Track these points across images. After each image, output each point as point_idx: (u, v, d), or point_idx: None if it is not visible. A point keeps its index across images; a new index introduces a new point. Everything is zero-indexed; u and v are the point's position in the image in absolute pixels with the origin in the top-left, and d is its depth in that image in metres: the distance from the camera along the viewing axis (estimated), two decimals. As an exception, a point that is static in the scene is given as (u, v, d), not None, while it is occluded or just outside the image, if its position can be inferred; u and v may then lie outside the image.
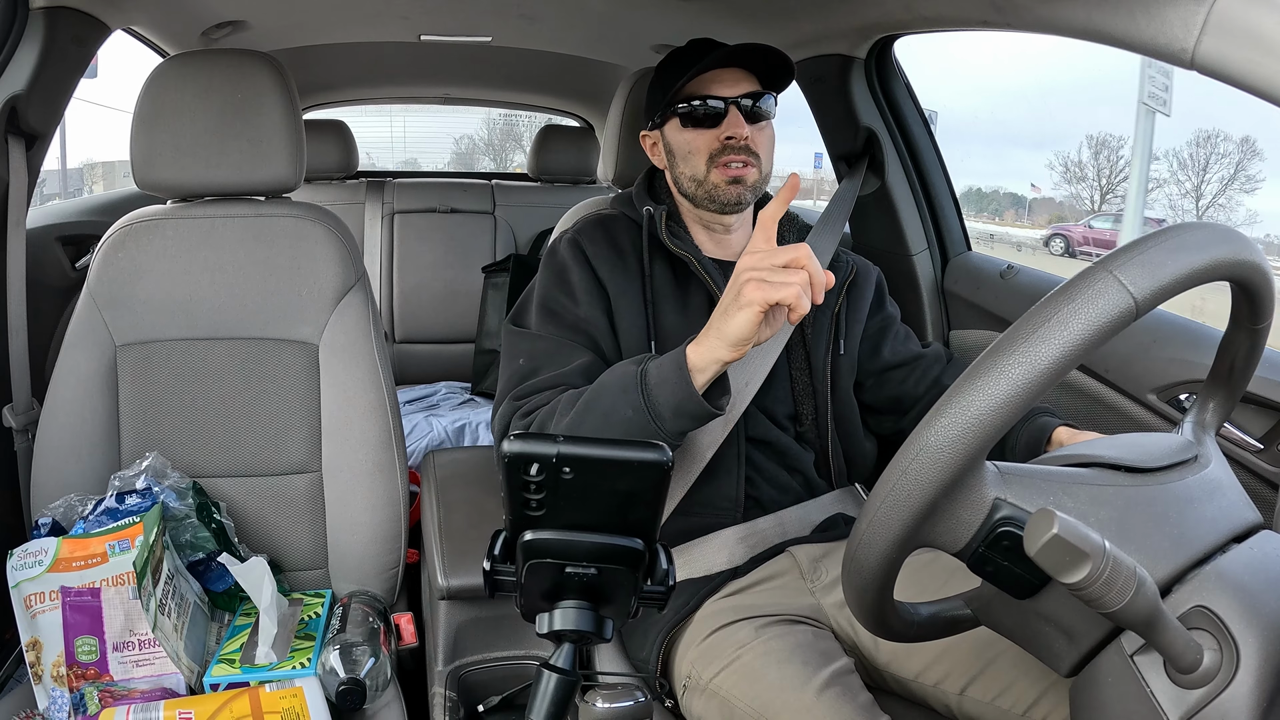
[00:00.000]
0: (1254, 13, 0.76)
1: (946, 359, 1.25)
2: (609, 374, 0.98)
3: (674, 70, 1.16)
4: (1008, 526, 0.61)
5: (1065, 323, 0.55)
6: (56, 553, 0.99)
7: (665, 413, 0.91)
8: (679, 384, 0.90)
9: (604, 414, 0.94)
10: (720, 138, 1.12)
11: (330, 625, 1.13)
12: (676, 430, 0.92)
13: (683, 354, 0.91)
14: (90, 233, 1.62)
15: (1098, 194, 14.70)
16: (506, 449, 0.54)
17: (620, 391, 0.94)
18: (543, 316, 1.13)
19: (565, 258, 1.16)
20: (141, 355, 1.22)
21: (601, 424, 0.94)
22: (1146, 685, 0.58)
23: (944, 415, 0.57)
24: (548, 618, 0.60)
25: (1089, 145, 14.62)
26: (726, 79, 1.13)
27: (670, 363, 0.92)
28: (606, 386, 0.96)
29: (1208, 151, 13.75)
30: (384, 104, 3.51)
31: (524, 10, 1.85)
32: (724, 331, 0.87)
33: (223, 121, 1.22)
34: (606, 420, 0.94)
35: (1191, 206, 13.67)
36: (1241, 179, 13.94)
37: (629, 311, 1.13)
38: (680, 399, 0.90)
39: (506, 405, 1.07)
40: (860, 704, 0.91)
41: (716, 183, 1.13)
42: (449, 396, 2.48)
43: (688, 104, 1.13)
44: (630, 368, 0.95)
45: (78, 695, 0.98)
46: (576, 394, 1.00)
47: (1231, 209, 13.58)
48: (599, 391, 0.97)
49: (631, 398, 0.92)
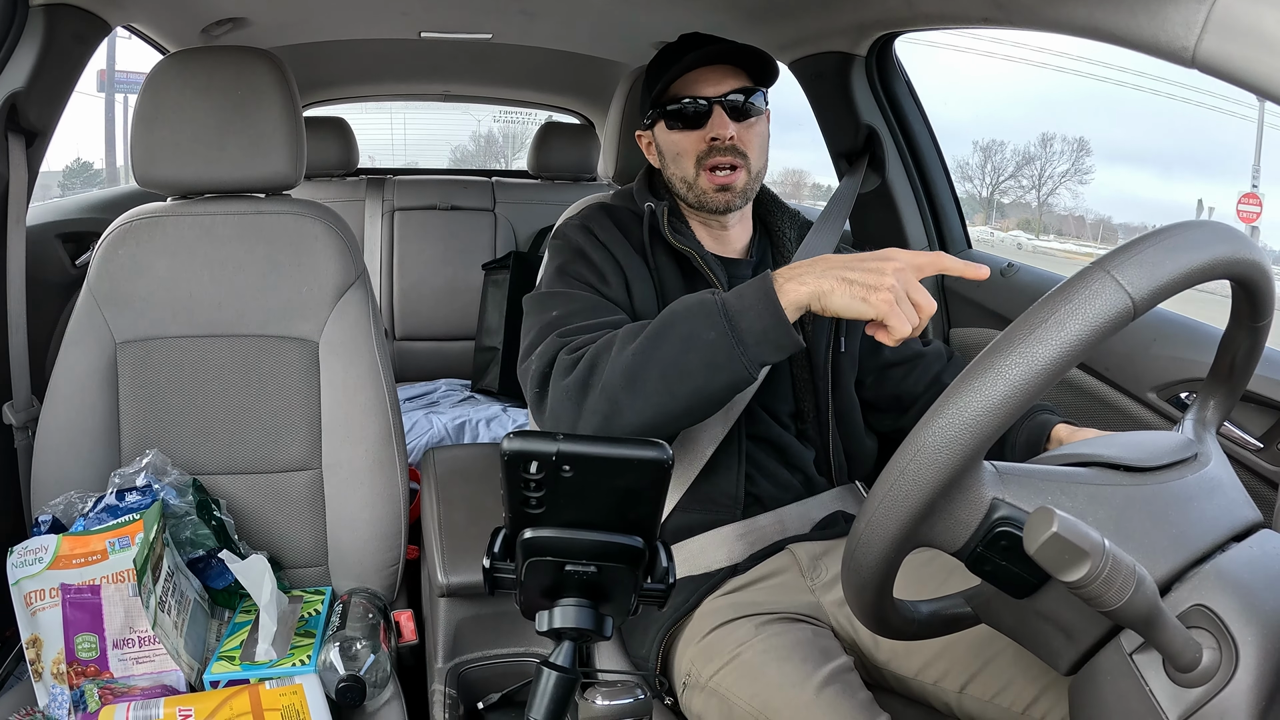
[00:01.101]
0: (1255, 11, 0.75)
1: (947, 357, 1.25)
2: (677, 303, 0.93)
3: (661, 69, 1.15)
4: (1006, 526, 0.61)
5: (1062, 323, 0.55)
6: (56, 550, 0.99)
7: (749, 339, 0.87)
8: (766, 310, 0.87)
9: (683, 338, 0.89)
10: (706, 139, 1.12)
11: (330, 622, 1.13)
12: (758, 359, 0.88)
13: (769, 283, 0.88)
14: (90, 230, 1.62)
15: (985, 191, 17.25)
16: (506, 447, 0.54)
17: (700, 316, 0.89)
18: (567, 279, 1.10)
19: (577, 238, 1.15)
20: (141, 352, 1.22)
21: (679, 349, 0.89)
22: (1146, 684, 0.58)
23: (941, 415, 0.57)
24: (547, 615, 0.60)
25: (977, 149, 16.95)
26: (711, 77, 1.13)
27: (754, 292, 0.88)
28: (679, 313, 0.91)
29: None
30: (384, 101, 3.50)
31: (524, 7, 1.85)
32: (832, 297, 0.84)
33: (223, 118, 1.22)
34: (686, 344, 0.89)
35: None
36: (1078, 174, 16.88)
37: (642, 300, 1.12)
38: (767, 324, 0.87)
39: (550, 342, 1.00)
40: (859, 701, 0.91)
41: (705, 189, 1.13)
42: (449, 394, 2.48)
43: (674, 104, 1.13)
44: (705, 295, 0.92)
45: (78, 692, 0.98)
46: (637, 326, 0.95)
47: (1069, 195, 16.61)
48: (671, 318, 0.92)
49: (714, 321, 0.88)
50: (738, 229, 1.21)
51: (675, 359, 0.89)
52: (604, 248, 1.14)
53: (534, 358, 1.01)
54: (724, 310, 0.89)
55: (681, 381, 0.89)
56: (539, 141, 2.80)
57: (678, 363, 0.89)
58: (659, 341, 0.91)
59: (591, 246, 1.14)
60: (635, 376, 0.90)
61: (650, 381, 0.90)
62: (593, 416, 0.93)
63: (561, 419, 0.95)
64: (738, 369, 0.88)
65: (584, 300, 1.07)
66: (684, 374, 0.89)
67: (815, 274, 0.86)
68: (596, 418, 0.92)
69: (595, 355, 0.94)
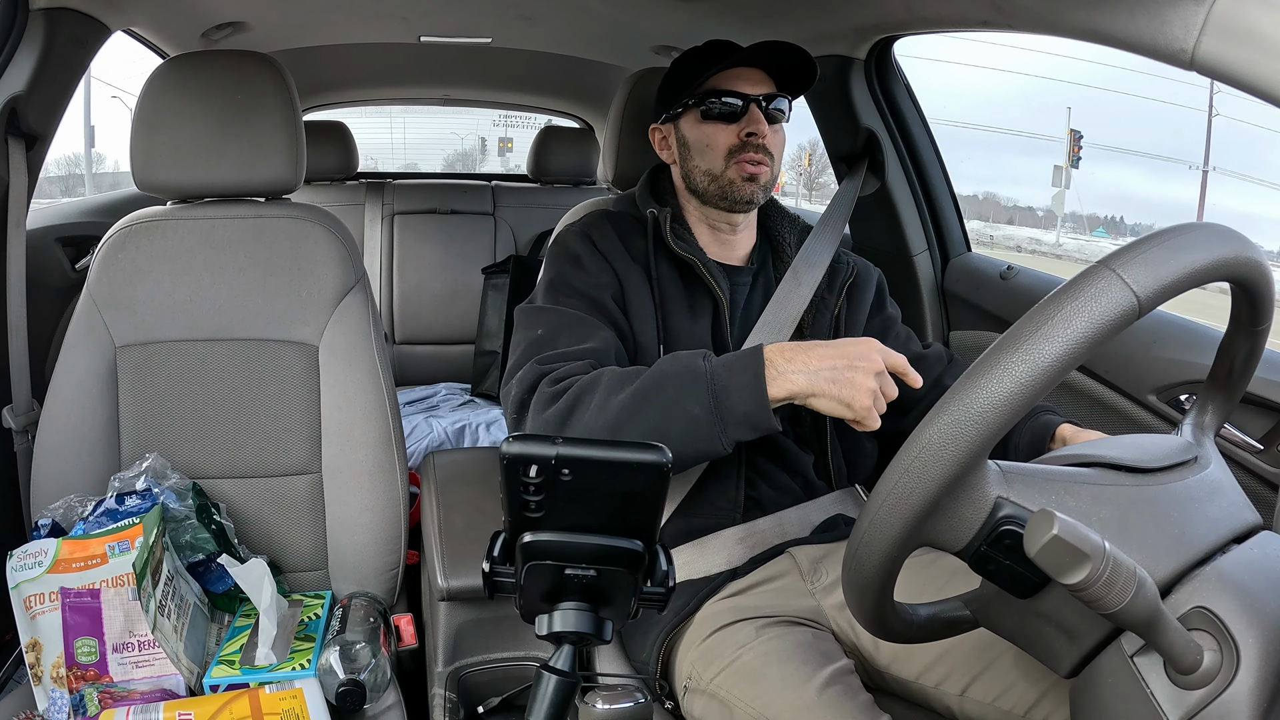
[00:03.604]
0: (1253, 13, 0.76)
1: (947, 360, 1.25)
2: (669, 362, 0.96)
3: (696, 64, 1.16)
4: (1010, 526, 0.61)
5: (1068, 320, 0.55)
6: (56, 554, 0.99)
7: (730, 419, 0.91)
8: (752, 397, 0.90)
9: (668, 405, 0.92)
10: (741, 134, 1.13)
11: (330, 626, 1.13)
12: (735, 438, 0.92)
13: (760, 368, 0.91)
14: (90, 234, 1.62)
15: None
16: (505, 450, 0.54)
17: (689, 384, 0.92)
18: (556, 294, 1.11)
19: (575, 245, 1.16)
20: (141, 356, 1.22)
21: (662, 415, 0.92)
22: (1147, 686, 0.58)
23: (947, 413, 0.57)
24: (547, 619, 0.60)
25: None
26: (749, 77, 1.15)
27: (744, 370, 0.92)
28: (670, 376, 0.94)
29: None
30: (384, 105, 3.51)
31: (523, 11, 1.85)
32: (818, 401, 0.90)
33: (222, 123, 1.22)
34: (669, 412, 0.92)
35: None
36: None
37: (639, 309, 1.12)
38: (750, 409, 0.90)
39: (530, 369, 1.03)
40: (860, 703, 0.91)
41: (733, 178, 1.14)
42: (449, 398, 2.47)
43: (710, 98, 1.14)
44: (696, 360, 0.94)
45: (77, 696, 0.97)
46: (625, 374, 0.97)
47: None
48: (661, 380, 0.94)
49: (701, 396, 0.91)
50: (744, 234, 1.21)
51: (658, 424, 0.92)
52: (602, 257, 1.14)
53: (514, 382, 1.04)
54: (711, 384, 0.92)
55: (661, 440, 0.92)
56: (539, 145, 2.80)
57: (659, 428, 0.92)
58: (644, 404, 0.93)
59: (588, 255, 1.14)
60: (617, 429, 0.93)
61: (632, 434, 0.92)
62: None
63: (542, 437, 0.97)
64: (714, 445, 0.92)
65: (569, 318, 1.08)
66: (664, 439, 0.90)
67: (808, 373, 0.90)
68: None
69: (577, 396, 0.96)
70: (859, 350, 0.91)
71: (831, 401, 0.90)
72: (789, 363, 0.91)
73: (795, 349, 0.92)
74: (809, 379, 0.90)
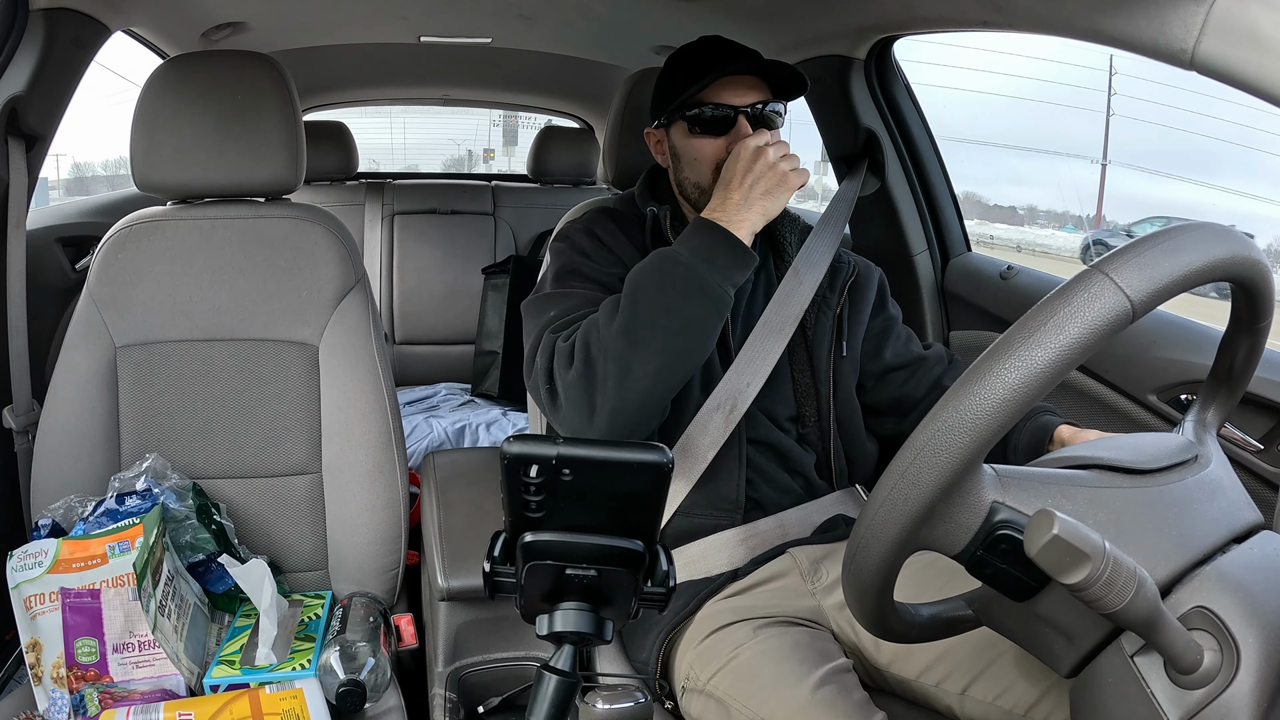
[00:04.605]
0: (1253, 13, 0.76)
1: (948, 360, 1.25)
2: (639, 267, 1.03)
3: (683, 71, 1.15)
4: (1006, 529, 0.61)
5: (1061, 326, 0.55)
6: (56, 554, 0.99)
7: (718, 259, 1.00)
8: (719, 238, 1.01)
9: (658, 276, 1.00)
10: (728, 147, 1.11)
11: (330, 626, 1.13)
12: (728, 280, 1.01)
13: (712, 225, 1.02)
14: (90, 234, 1.62)
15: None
16: (506, 450, 0.54)
17: (665, 260, 1.01)
18: (565, 280, 1.12)
19: (580, 238, 1.16)
20: (141, 356, 1.22)
21: (657, 288, 0.99)
22: (1147, 686, 0.58)
23: (940, 419, 0.57)
24: (548, 619, 0.60)
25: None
26: (737, 86, 1.12)
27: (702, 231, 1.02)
28: (644, 268, 1.02)
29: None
30: (384, 105, 3.51)
31: (524, 11, 1.85)
32: (767, 206, 1.03)
33: (222, 123, 1.22)
34: (661, 282, 1.00)
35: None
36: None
37: None
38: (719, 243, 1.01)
39: (545, 339, 1.06)
40: (855, 702, 0.91)
41: None
42: (449, 398, 2.48)
43: (696, 109, 1.12)
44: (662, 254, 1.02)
45: (78, 696, 0.97)
46: (614, 298, 1.03)
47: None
48: (639, 273, 1.02)
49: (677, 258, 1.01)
50: None
51: (657, 300, 0.99)
52: (607, 249, 1.15)
53: (536, 358, 1.06)
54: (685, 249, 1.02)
55: (670, 317, 0.99)
56: (538, 145, 2.80)
57: (661, 302, 0.99)
58: (638, 295, 1.00)
59: (594, 247, 1.15)
60: (630, 331, 0.97)
61: (645, 329, 0.98)
62: (608, 383, 0.98)
63: (579, 402, 1.00)
64: (712, 287, 1.00)
65: (581, 298, 1.08)
66: (670, 310, 0.99)
67: (744, 207, 1.03)
68: (611, 382, 0.98)
69: (586, 334, 1.01)
70: (743, 161, 1.04)
71: (777, 204, 1.04)
72: (730, 212, 1.03)
73: (719, 204, 1.04)
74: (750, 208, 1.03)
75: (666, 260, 1.01)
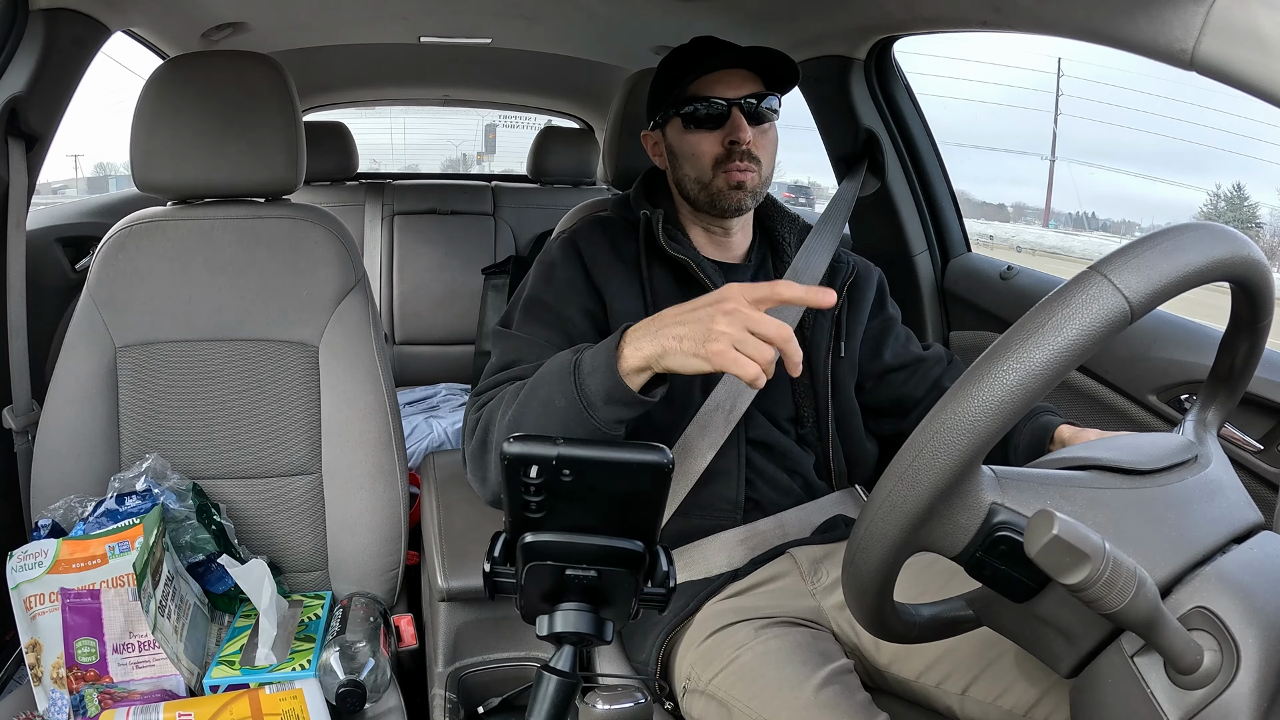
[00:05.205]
0: (1253, 13, 0.76)
1: (947, 361, 1.25)
2: (549, 362, 0.95)
3: (676, 70, 1.15)
4: (1005, 531, 0.61)
5: (1059, 328, 0.55)
6: (56, 554, 0.99)
7: (598, 401, 0.87)
8: (608, 374, 0.86)
9: (543, 403, 0.91)
10: (724, 141, 1.11)
11: (330, 627, 1.13)
12: (611, 419, 0.88)
13: (615, 341, 0.87)
14: (90, 234, 1.62)
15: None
16: (506, 450, 0.54)
17: (557, 380, 0.90)
18: (524, 316, 1.12)
19: (556, 258, 1.15)
20: (141, 356, 1.22)
21: (540, 413, 0.91)
22: (1147, 686, 0.58)
23: (938, 421, 0.57)
24: (548, 620, 0.60)
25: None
26: (730, 80, 1.12)
27: (600, 353, 0.88)
28: (543, 377, 0.93)
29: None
30: (384, 105, 3.51)
31: (524, 11, 1.85)
32: (669, 359, 0.83)
33: (222, 123, 1.22)
34: (545, 409, 0.91)
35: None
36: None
37: (628, 315, 1.12)
38: (609, 387, 0.86)
39: (470, 401, 1.07)
40: (858, 702, 0.91)
41: (720, 188, 1.12)
42: (449, 398, 2.47)
43: (690, 105, 1.12)
44: (567, 356, 0.92)
45: (77, 697, 0.97)
46: (518, 385, 0.98)
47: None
48: (538, 381, 0.94)
49: (565, 386, 0.89)
50: (739, 235, 1.21)
51: (538, 423, 0.92)
52: (582, 269, 1.13)
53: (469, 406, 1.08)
54: (576, 373, 0.89)
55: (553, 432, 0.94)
56: (538, 146, 2.80)
57: (540, 426, 0.91)
58: (526, 407, 0.94)
59: (569, 268, 1.13)
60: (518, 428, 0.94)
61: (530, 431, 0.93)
62: (492, 467, 1.00)
63: (475, 473, 1.03)
64: (594, 431, 0.88)
65: (524, 343, 1.08)
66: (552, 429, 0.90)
67: (650, 335, 0.84)
68: (494, 467, 0.98)
69: (489, 417, 1.00)
70: (709, 298, 0.83)
71: (684, 357, 0.82)
72: (641, 333, 0.86)
73: (654, 318, 0.86)
74: (653, 341, 0.84)
75: (560, 378, 0.90)
